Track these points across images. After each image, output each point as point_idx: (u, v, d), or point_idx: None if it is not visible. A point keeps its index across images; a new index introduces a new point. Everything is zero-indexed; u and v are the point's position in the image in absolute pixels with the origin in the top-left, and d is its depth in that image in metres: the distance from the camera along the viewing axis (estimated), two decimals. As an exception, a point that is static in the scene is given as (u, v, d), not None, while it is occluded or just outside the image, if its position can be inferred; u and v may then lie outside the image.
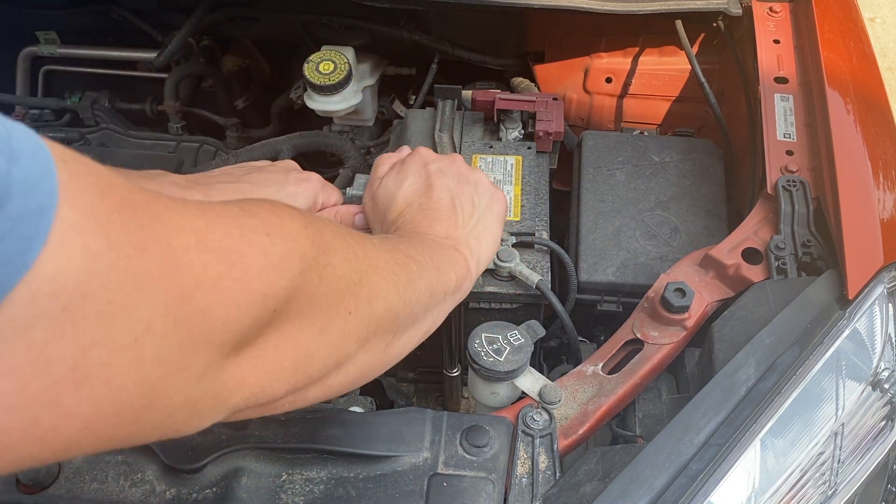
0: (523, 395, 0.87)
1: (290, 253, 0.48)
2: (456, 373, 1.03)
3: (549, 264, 1.02)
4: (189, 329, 0.40)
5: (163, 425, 0.43)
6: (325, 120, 1.49)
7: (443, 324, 0.94)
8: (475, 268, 0.82)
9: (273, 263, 0.46)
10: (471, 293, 0.95)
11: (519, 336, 0.86)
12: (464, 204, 0.86)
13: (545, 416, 0.79)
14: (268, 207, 0.51)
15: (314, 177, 0.97)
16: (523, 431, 0.78)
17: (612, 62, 1.46)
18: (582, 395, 0.85)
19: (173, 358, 0.40)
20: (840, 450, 0.77)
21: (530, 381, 0.85)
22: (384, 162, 0.95)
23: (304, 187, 0.94)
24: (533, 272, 0.97)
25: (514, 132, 1.19)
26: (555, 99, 1.21)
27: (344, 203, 1.24)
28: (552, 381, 0.86)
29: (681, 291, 0.89)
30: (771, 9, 1.27)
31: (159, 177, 0.87)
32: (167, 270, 0.39)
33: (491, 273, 0.98)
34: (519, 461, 0.75)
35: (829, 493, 0.76)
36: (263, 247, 0.46)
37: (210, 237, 0.43)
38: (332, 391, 0.59)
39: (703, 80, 1.26)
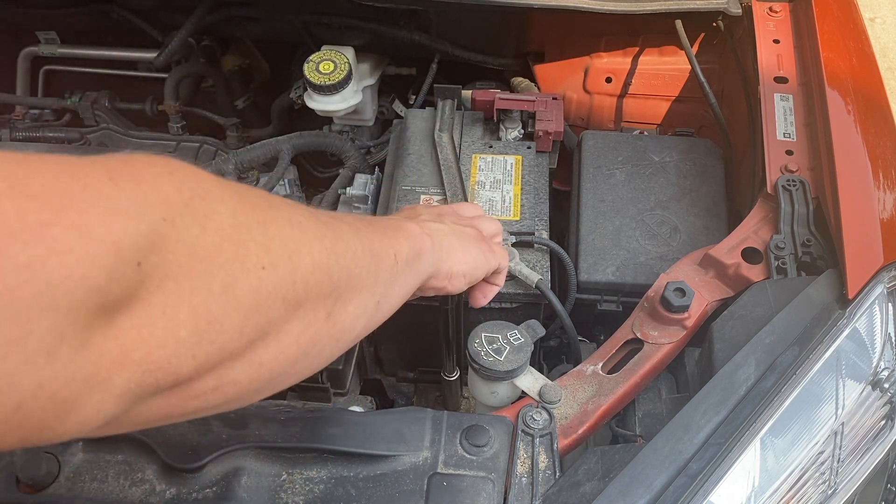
0: (523, 395, 0.87)
1: (144, 198, 0.41)
2: (455, 376, 1.03)
3: (548, 264, 1.02)
4: (11, 289, 0.33)
5: (17, 423, 0.35)
6: (325, 120, 1.49)
7: (441, 327, 0.94)
8: (433, 246, 0.72)
9: (119, 207, 0.39)
10: (471, 293, 0.95)
11: (519, 336, 0.86)
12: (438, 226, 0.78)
13: (545, 415, 0.79)
14: (119, 157, 0.43)
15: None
16: (523, 431, 0.78)
17: (612, 62, 1.46)
18: (582, 394, 0.85)
19: None
20: (840, 449, 0.77)
21: (530, 381, 0.85)
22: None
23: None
24: (533, 271, 0.97)
25: (513, 132, 1.19)
26: (555, 99, 1.22)
27: (341, 201, 1.25)
28: (552, 380, 0.86)
29: (680, 291, 0.89)
30: (771, 9, 1.27)
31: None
32: None
33: (491, 273, 0.98)
34: (519, 460, 0.75)
35: (829, 492, 0.76)
36: (105, 191, 0.39)
37: (29, 183, 0.36)
38: (267, 371, 0.50)
39: (703, 79, 1.26)
